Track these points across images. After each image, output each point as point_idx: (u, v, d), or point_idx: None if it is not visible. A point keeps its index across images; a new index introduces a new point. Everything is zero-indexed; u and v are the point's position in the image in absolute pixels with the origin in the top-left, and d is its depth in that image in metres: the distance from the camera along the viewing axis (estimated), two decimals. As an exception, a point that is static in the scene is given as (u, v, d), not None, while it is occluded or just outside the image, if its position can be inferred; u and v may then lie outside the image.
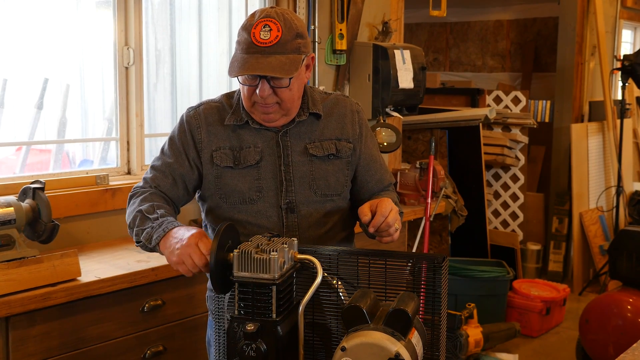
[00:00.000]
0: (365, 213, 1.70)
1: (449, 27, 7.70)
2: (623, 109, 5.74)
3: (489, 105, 5.47)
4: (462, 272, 4.43)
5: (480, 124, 4.94)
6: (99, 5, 3.08)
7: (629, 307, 3.69)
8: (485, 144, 5.25)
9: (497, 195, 5.66)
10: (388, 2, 4.10)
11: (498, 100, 5.65)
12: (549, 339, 4.56)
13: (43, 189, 2.34)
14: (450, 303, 4.16)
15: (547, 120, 6.64)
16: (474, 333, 3.86)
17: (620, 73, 5.58)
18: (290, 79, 1.74)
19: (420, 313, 1.50)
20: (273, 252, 1.40)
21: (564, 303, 4.75)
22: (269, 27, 1.70)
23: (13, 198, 2.30)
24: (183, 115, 1.91)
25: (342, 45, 3.72)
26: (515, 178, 5.59)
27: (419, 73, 3.83)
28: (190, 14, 3.49)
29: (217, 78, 3.63)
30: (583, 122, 6.01)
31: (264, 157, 1.84)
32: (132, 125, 3.06)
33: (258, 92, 1.74)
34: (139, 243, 1.75)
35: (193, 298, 2.61)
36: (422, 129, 4.95)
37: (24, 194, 2.35)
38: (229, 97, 1.92)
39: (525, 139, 5.50)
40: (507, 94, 5.64)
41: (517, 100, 5.59)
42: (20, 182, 2.57)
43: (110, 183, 2.94)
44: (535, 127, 5.51)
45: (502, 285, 4.50)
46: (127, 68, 3.02)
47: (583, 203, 5.71)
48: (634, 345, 1.83)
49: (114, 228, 2.91)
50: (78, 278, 2.31)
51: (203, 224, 1.97)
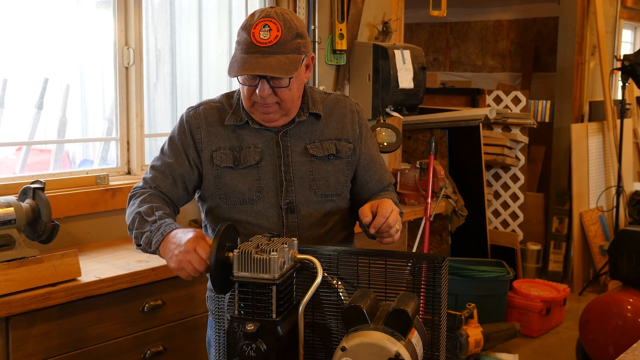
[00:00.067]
0: (366, 214, 1.70)
1: (449, 27, 7.69)
2: (623, 109, 5.74)
3: (489, 105, 5.47)
4: (462, 272, 4.42)
5: (480, 124, 4.94)
6: (99, 5, 3.08)
7: (629, 307, 3.68)
8: (485, 144, 5.25)
9: (497, 195, 5.66)
10: (388, 2, 4.10)
11: (498, 100, 5.65)
12: (549, 339, 4.56)
13: (43, 189, 2.34)
14: (450, 303, 4.16)
15: (547, 120, 6.63)
16: (474, 333, 3.86)
17: (620, 73, 5.58)
18: (290, 79, 1.74)
19: (420, 313, 1.49)
20: (273, 252, 1.40)
21: (564, 303, 4.75)
22: (269, 27, 1.70)
23: (13, 198, 2.30)
24: (183, 115, 1.91)
25: (342, 45, 3.72)
26: (515, 178, 5.59)
27: (419, 73, 3.83)
28: (190, 14, 3.49)
29: (217, 78, 3.63)
30: (583, 122, 6.01)
31: (264, 157, 1.84)
32: (132, 125, 3.06)
33: (258, 92, 1.73)
34: (139, 246, 1.74)
35: (193, 298, 2.61)
36: (422, 129, 4.95)
37: (24, 194, 2.35)
38: (229, 97, 1.92)
39: (525, 139, 5.50)
40: (507, 94, 5.64)
41: (517, 100, 5.59)
42: (20, 182, 2.57)
43: (110, 183, 2.94)
44: (535, 127, 5.51)
45: (502, 285, 4.50)
46: (127, 68, 3.02)
47: (583, 203, 5.70)
48: (634, 345, 1.83)
49: (114, 228, 2.91)
50: (78, 278, 2.31)
51: (203, 224, 1.97)
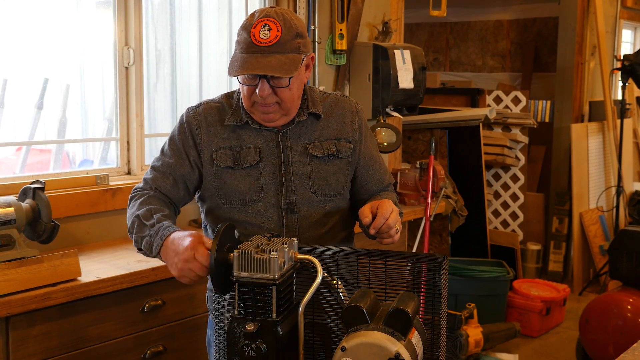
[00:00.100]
0: (366, 215, 1.70)
1: (449, 27, 7.69)
2: (623, 109, 5.74)
3: (489, 105, 5.47)
4: (462, 272, 4.42)
5: (480, 124, 4.94)
6: (99, 5, 3.08)
7: (629, 307, 3.68)
8: (485, 144, 5.25)
9: (497, 195, 5.66)
10: (388, 2, 4.10)
11: (498, 100, 5.65)
12: (549, 339, 4.56)
13: (43, 189, 2.34)
14: (450, 303, 4.16)
15: (547, 120, 6.63)
16: (474, 333, 3.86)
17: (620, 73, 5.58)
18: (290, 79, 1.74)
19: (420, 313, 1.49)
20: (273, 252, 1.40)
21: (564, 303, 4.75)
22: (269, 26, 1.70)
23: (13, 198, 2.30)
24: (183, 116, 1.91)
25: (342, 45, 3.72)
26: (515, 178, 5.59)
27: (419, 73, 3.83)
28: (190, 14, 3.49)
29: (217, 78, 3.63)
30: (583, 122, 6.01)
31: (264, 157, 1.84)
32: (132, 125, 3.06)
33: (258, 91, 1.73)
34: (141, 251, 1.74)
35: (193, 298, 2.61)
36: (422, 129, 4.95)
37: (24, 194, 2.35)
38: (229, 97, 1.91)
39: (525, 139, 5.50)
40: (507, 94, 5.64)
41: (517, 100, 5.59)
42: (21, 182, 2.57)
43: (111, 183, 2.94)
44: (535, 127, 5.51)
45: (502, 285, 4.50)
46: (127, 68, 3.02)
47: (583, 203, 5.70)
48: (634, 345, 1.83)
49: (114, 228, 2.91)
50: (78, 278, 2.31)
51: (202, 224, 1.97)
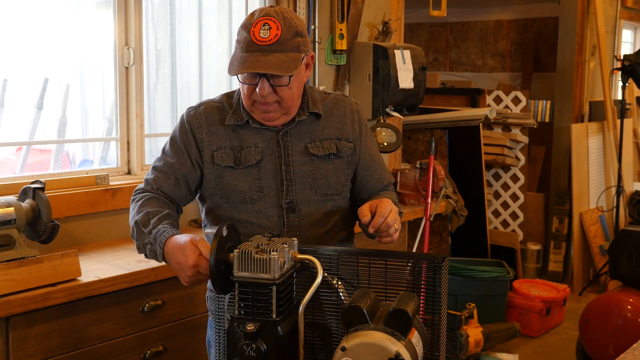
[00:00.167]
0: (365, 214, 1.70)
1: (449, 27, 7.69)
2: (623, 109, 5.74)
3: (489, 105, 5.47)
4: (462, 272, 4.42)
5: (480, 124, 4.94)
6: (99, 5, 3.08)
7: (629, 307, 3.68)
8: (485, 144, 5.24)
9: (497, 195, 5.66)
10: (388, 2, 4.10)
11: (498, 100, 5.65)
12: (549, 339, 4.56)
13: (43, 189, 2.34)
14: (450, 303, 4.16)
15: (547, 120, 6.63)
16: (474, 333, 3.86)
17: (620, 73, 5.58)
18: (290, 77, 1.74)
19: (420, 313, 1.49)
20: (273, 252, 1.40)
21: (564, 303, 4.75)
22: (269, 25, 1.70)
23: (13, 198, 2.30)
24: (183, 115, 1.91)
25: (342, 45, 3.72)
26: (515, 178, 5.59)
27: (419, 73, 3.83)
28: (190, 14, 3.49)
29: (217, 78, 3.62)
30: (583, 122, 6.01)
31: (265, 156, 1.84)
32: (132, 125, 3.06)
33: (258, 90, 1.74)
34: (147, 257, 1.75)
35: (193, 298, 2.61)
36: (422, 129, 4.95)
37: (24, 194, 2.35)
38: (229, 97, 1.92)
39: (525, 139, 5.50)
40: (507, 94, 5.64)
41: (517, 100, 5.59)
42: (21, 182, 2.57)
43: (111, 183, 2.94)
44: (535, 127, 5.51)
45: (502, 285, 4.50)
46: (127, 68, 3.02)
47: (583, 203, 5.70)
48: (634, 345, 1.83)
49: (114, 228, 2.91)
50: (78, 278, 2.31)
51: (202, 224, 1.97)
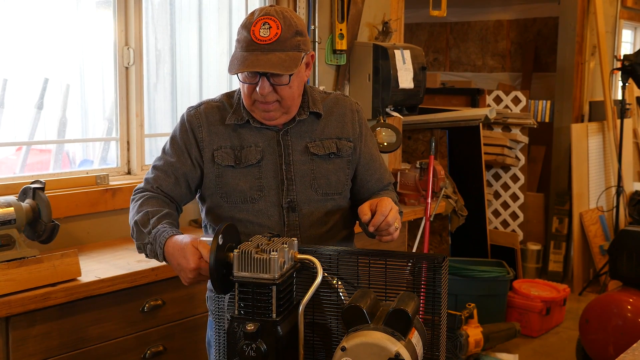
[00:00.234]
0: (365, 212, 1.70)
1: (449, 27, 7.69)
2: (623, 109, 5.74)
3: (489, 105, 5.47)
4: (462, 272, 4.42)
5: (480, 124, 4.94)
6: (99, 5, 3.08)
7: (629, 307, 3.68)
8: (485, 144, 5.24)
9: (497, 195, 5.66)
10: (388, 2, 4.10)
11: (498, 100, 5.65)
12: (549, 339, 4.56)
13: (43, 189, 2.34)
14: (450, 303, 4.16)
15: (547, 120, 6.63)
16: (474, 333, 3.86)
17: (620, 73, 5.58)
18: (290, 76, 1.74)
19: (420, 313, 1.49)
20: (273, 252, 1.40)
21: (564, 303, 4.75)
22: (269, 24, 1.70)
23: (13, 198, 2.30)
24: (184, 115, 1.91)
25: (342, 45, 3.72)
26: (515, 178, 5.59)
27: (419, 73, 3.83)
28: (190, 14, 3.49)
29: (217, 78, 3.62)
30: (583, 122, 6.01)
31: (265, 156, 1.84)
32: (132, 125, 3.06)
33: (258, 89, 1.74)
34: (148, 256, 1.75)
35: (193, 298, 2.61)
36: (422, 129, 4.95)
37: (24, 194, 2.35)
38: (229, 96, 1.92)
39: (525, 139, 5.50)
40: (507, 94, 5.64)
41: (517, 100, 5.59)
42: (21, 182, 2.57)
43: (111, 183, 2.94)
44: (535, 127, 5.51)
45: (502, 285, 4.50)
46: (127, 68, 3.02)
47: (583, 203, 5.70)
48: (634, 345, 1.83)
49: (114, 228, 2.91)
50: (78, 278, 2.31)
51: (203, 224, 1.97)
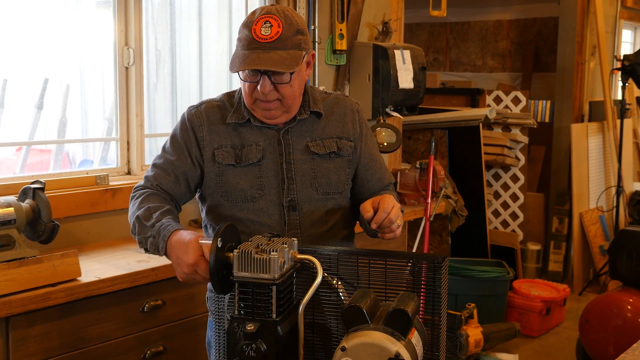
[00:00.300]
0: (368, 209, 1.71)
1: (449, 27, 7.69)
2: (623, 109, 5.74)
3: (489, 105, 5.47)
4: (462, 272, 4.42)
5: (480, 124, 4.94)
6: (99, 5, 3.08)
7: (629, 307, 3.68)
8: (485, 144, 5.24)
9: (497, 195, 5.66)
10: (388, 2, 4.10)
11: (498, 100, 5.65)
12: (549, 339, 4.55)
13: (43, 189, 2.34)
14: (450, 303, 4.16)
15: (547, 120, 6.63)
16: (474, 333, 3.86)
17: (620, 73, 5.58)
18: (291, 75, 1.74)
19: (420, 313, 1.49)
20: (273, 252, 1.40)
21: (564, 303, 4.75)
22: (270, 23, 1.71)
23: (13, 198, 2.30)
24: (184, 114, 1.91)
25: (342, 45, 3.72)
26: (515, 178, 5.59)
27: (419, 73, 3.83)
28: (190, 14, 3.49)
29: (217, 78, 3.62)
30: (583, 122, 6.01)
31: (266, 155, 1.84)
32: (132, 125, 3.06)
33: (259, 88, 1.74)
34: (148, 251, 1.75)
35: (193, 298, 2.61)
36: (422, 129, 4.95)
37: (24, 194, 2.35)
38: (230, 96, 1.92)
39: (525, 139, 5.50)
40: (507, 94, 5.64)
41: (517, 100, 5.59)
42: (20, 182, 2.57)
43: (111, 183, 2.94)
44: (535, 127, 5.51)
45: (502, 285, 4.50)
46: (127, 68, 3.02)
47: (583, 203, 5.70)
48: (634, 345, 1.83)
49: (114, 228, 2.91)
50: (78, 278, 2.31)
51: (203, 224, 1.97)
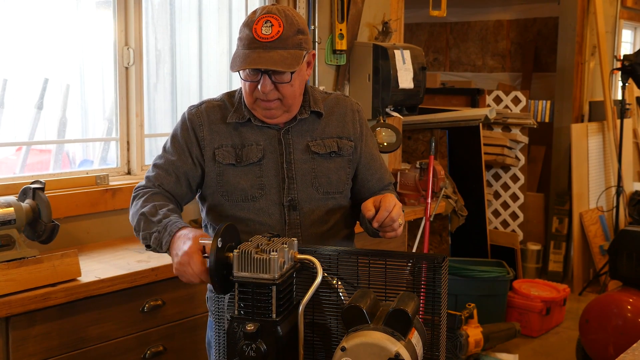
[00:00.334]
0: (369, 208, 1.71)
1: (449, 27, 7.69)
2: (623, 109, 5.74)
3: (489, 105, 5.47)
4: (462, 272, 4.42)
5: (480, 124, 4.94)
6: (99, 5, 3.08)
7: (629, 307, 3.68)
8: (485, 144, 5.24)
9: (497, 195, 5.66)
10: (388, 2, 4.10)
11: (498, 100, 5.65)
12: (549, 339, 4.56)
13: (43, 189, 2.34)
14: (450, 303, 4.16)
15: (547, 120, 6.63)
16: (474, 333, 3.86)
17: (620, 73, 5.58)
18: (292, 74, 1.74)
19: (420, 313, 1.49)
20: (273, 252, 1.40)
21: (564, 303, 4.75)
22: (271, 22, 1.71)
23: (13, 198, 2.30)
24: (185, 114, 1.91)
25: (342, 45, 3.72)
26: (515, 178, 5.59)
27: (419, 73, 3.83)
28: (190, 14, 3.49)
29: (217, 78, 3.62)
30: (583, 122, 6.01)
31: (266, 154, 1.84)
32: (132, 125, 3.06)
33: (260, 87, 1.74)
34: (149, 247, 1.74)
35: (193, 298, 2.61)
36: (422, 129, 4.95)
37: (24, 194, 2.35)
38: (230, 95, 1.92)
39: (525, 139, 5.50)
40: (507, 94, 5.64)
41: (517, 100, 5.59)
42: (20, 182, 2.57)
43: (110, 183, 2.94)
44: (535, 127, 5.51)
45: (502, 285, 4.50)
46: (127, 68, 3.02)
47: (583, 203, 5.70)
48: (634, 345, 1.83)
49: (114, 228, 2.91)
50: (78, 278, 2.31)
51: (203, 224, 1.97)
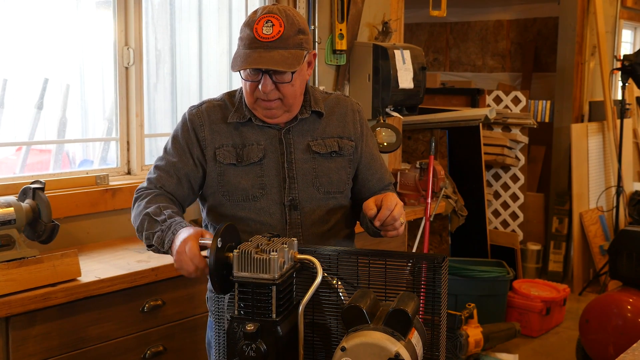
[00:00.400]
0: (371, 207, 1.71)
1: (449, 27, 7.69)
2: (623, 109, 5.74)
3: (489, 105, 5.47)
4: (462, 272, 4.42)
5: (480, 124, 4.94)
6: (99, 5, 3.08)
7: (629, 307, 3.69)
8: (485, 144, 5.24)
9: (497, 195, 5.66)
10: (388, 2, 4.10)
11: (498, 100, 5.65)
12: (549, 339, 4.56)
13: (43, 189, 2.34)
14: (450, 303, 4.16)
15: (547, 120, 6.63)
16: (474, 333, 3.86)
17: (620, 73, 5.58)
18: (293, 74, 1.75)
19: (420, 313, 1.49)
20: (273, 252, 1.40)
21: (564, 303, 4.75)
22: (271, 22, 1.71)
23: (13, 198, 2.30)
24: (185, 114, 1.91)
25: (342, 46, 3.72)
26: (515, 178, 5.59)
27: (419, 73, 3.83)
28: (190, 14, 3.49)
29: (217, 78, 3.63)
30: (583, 122, 6.01)
31: (267, 154, 1.84)
32: (132, 125, 3.06)
33: (260, 87, 1.74)
34: (151, 247, 1.73)
35: (193, 298, 2.61)
36: (422, 129, 4.95)
37: (24, 194, 2.35)
38: (231, 95, 1.92)
39: (525, 139, 5.50)
40: (507, 94, 5.64)
41: (517, 100, 5.59)
42: (20, 182, 2.57)
43: (110, 183, 2.94)
44: (535, 127, 5.51)
45: (502, 285, 4.50)
46: (127, 68, 3.02)
47: (583, 203, 5.70)
48: (634, 345, 1.83)
49: (114, 228, 2.91)
50: (78, 278, 2.31)
51: (203, 224, 1.97)
